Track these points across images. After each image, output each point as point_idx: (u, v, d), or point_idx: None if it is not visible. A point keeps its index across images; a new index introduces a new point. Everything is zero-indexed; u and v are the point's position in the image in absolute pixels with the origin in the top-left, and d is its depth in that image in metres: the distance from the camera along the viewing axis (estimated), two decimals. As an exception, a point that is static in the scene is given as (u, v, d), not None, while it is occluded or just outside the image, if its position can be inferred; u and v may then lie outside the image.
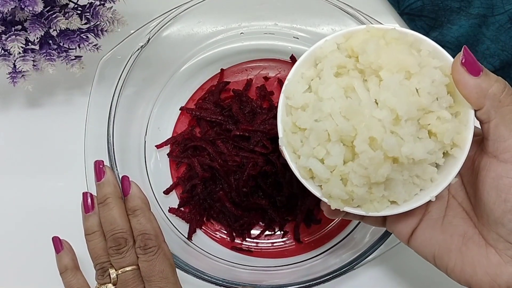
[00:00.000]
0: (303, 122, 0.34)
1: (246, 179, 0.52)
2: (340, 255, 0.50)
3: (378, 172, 0.32)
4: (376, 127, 0.32)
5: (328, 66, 0.35)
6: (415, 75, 0.33)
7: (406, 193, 0.35)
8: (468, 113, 0.34)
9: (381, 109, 0.32)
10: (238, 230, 0.54)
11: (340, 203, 0.35)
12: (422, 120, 0.33)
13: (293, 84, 0.36)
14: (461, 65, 0.33)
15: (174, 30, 0.53)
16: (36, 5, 0.44)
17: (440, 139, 0.33)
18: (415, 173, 0.34)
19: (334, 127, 0.33)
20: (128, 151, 0.53)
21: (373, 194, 0.34)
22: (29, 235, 0.55)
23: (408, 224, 0.38)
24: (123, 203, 0.44)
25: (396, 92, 0.32)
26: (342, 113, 0.33)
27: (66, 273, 0.45)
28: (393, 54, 0.33)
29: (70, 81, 0.58)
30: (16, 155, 0.57)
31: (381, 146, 0.32)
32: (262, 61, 0.58)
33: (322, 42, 0.37)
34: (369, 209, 0.35)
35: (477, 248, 0.35)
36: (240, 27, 0.56)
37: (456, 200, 0.37)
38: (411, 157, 0.32)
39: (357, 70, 0.35)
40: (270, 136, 0.53)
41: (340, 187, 0.34)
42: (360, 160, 0.32)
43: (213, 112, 0.55)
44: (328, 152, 0.33)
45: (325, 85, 0.34)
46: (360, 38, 0.35)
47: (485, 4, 0.55)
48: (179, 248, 0.50)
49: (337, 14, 0.50)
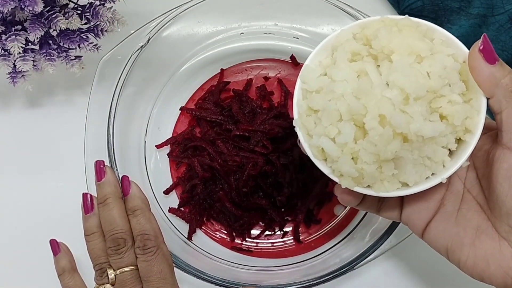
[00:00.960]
0: (316, 103, 0.35)
1: (246, 179, 0.52)
2: (340, 255, 0.50)
3: (387, 148, 0.33)
4: (386, 105, 0.33)
5: (342, 52, 0.36)
6: (426, 59, 0.34)
7: (417, 174, 0.35)
8: (480, 100, 0.34)
9: (391, 89, 0.33)
10: (238, 230, 0.54)
11: (350, 181, 0.35)
12: (434, 104, 0.34)
13: (309, 70, 0.37)
14: (479, 51, 0.34)
15: (174, 30, 0.53)
16: (36, 5, 0.44)
17: (451, 122, 0.34)
18: (425, 154, 0.35)
19: (345, 106, 0.34)
20: (128, 151, 0.53)
21: (383, 173, 0.35)
22: (29, 235, 0.55)
23: (423, 217, 0.38)
24: (123, 203, 0.44)
25: (405, 72, 0.33)
26: (353, 93, 0.34)
27: (63, 275, 0.46)
28: (405, 39, 0.34)
29: (70, 81, 0.58)
30: (16, 155, 0.57)
31: (390, 122, 0.33)
32: (262, 61, 0.58)
33: (339, 31, 0.38)
34: (379, 189, 0.35)
35: (490, 241, 0.35)
36: (240, 27, 0.56)
37: (471, 194, 0.38)
38: (419, 134, 0.33)
39: (371, 56, 0.35)
40: (270, 136, 0.53)
41: (351, 164, 0.34)
42: (370, 137, 0.33)
43: (213, 112, 0.55)
44: (340, 131, 0.34)
45: (338, 69, 0.35)
46: (375, 27, 0.36)
47: (485, 4, 0.55)
48: (179, 248, 0.50)
49: (337, 14, 0.50)
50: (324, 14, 0.53)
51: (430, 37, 0.36)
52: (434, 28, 0.36)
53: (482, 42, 0.34)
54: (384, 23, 0.36)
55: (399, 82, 0.33)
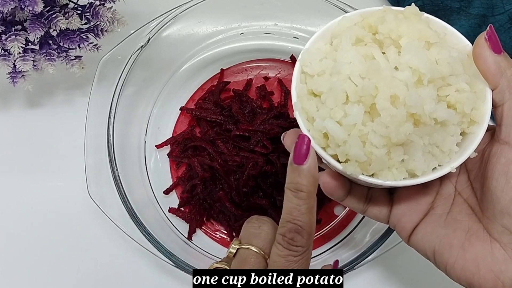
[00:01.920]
0: (320, 86, 0.33)
1: (246, 179, 0.52)
2: (340, 255, 0.50)
3: (399, 130, 0.31)
4: (399, 86, 0.31)
5: (347, 36, 0.34)
6: (434, 45, 0.33)
7: (425, 163, 0.34)
8: (485, 91, 0.34)
9: (402, 70, 0.32)
10: (238, 230, 0.54)
11: (356, 168, 0.33)
12: (441, 92, 0.33)
13: (310, 53, 0.35)
14: (485, 40, 0.33)
15: (174, 30, 0.53)
16: (36, 5, 0.44)
17: (460, 110, 0.33)
18: (435, 141, 0.33)
19: (353, 87, 0.32)
20: (128, 151, 0.53)
21: (392, 159, 0.33)
22: (28, 235, 0.55)
23: (412, 219, 0.37)
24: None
25: (418, 53, 0.32)
26: (361, 75, 0.32)
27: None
28: (413, 24, 0.33)
29: (70, 81, 0.58)
30: (16, 155, 0.57)
31: (404, 103, 0.31)
32: (262, 61, 0.58)
33: (340, 18, 0.37)
34: (387, 177, 0.33)
35: (481, 244, 0.34)
36: (240, 27, 0.56)
37: (462, 197, 0.36)
38: (434, 115, 0.32)
39: (375, 42, 0.34)
40: (270, 136, 0.53)
41: (360, 146, 0.32)
42: (382, 118, 0.31)
43: (213, 112, 0.55)
44: (346, 113, 0.32)
45: (343, 52, 0.34)
46: (377, 16, 0.35)
47: (485, 4, 0.55)
48: (179, 248, 0.50)
49: (337, 14, 0.50)
50: (324, 14, 0.53)
51: (434, 28, 0.35)
52: (437, 21, 0.36)
53: (489, 31, 0.33)
54: (388, 12, 0.35)
55: (412, 63, 0.32)
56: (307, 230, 0.34)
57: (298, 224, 0.33)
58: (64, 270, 0.54)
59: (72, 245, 0.54)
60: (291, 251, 0.34)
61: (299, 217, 0.34)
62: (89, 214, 0.54)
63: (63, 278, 0.54)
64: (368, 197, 0.39)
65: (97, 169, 0.49)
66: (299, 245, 0.34)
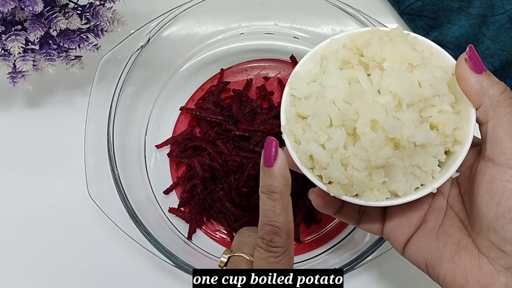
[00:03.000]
0: (306, 109, 0.35)
1: (246, 179, 0.52)
2: (340, 255, 0.50)
3: (379, 154, 0.32)
4: (378, 111, 0.32)
5: (332, 60, 0.36)
6: (417, 67, 0.34)
7: (407, 184, 0.35)
8: (469, 111, 0.34)
9: (384, 95, 0.33)
10: (238, 230, 0.54)
11: (339, 189, 0.34)
12: (424, 113, 0.34)
13: (298, 76, 0.37)
14: (465, 61, 0.33)
15: (174, 30, 0.53)
16: (36, 5, 0.44)
17: (441, 131, 0.34)
18: (416, 162, 0.34)
19: (336, 112, 0.33)
20: (128, 151, 0.53)
21: (373, 181, 0.34)
22: (28, 234, 0.55)
23: (405, 232, 0.38)
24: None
25: (398, 78, 0.33)
26: (344, 99, 0.33)
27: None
28: (396, 47, 0.34)
29: (70, 81, 0.58)
30: (16, 155, 0.57)
31: (382, 128, 0.32)
32: (262, 61, 0.58)
33: (328, 41, 0.38)
34: (368, 197, 0.35)
35: (470, 257, 0.35)
36: (240, 27, 0.56)
37: (453, 210, 0.37)
38: (412, 140, 0.32)
39: (361, 64, 0.35)
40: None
41: (341, 170, 0.34)
42: (362, 142, 0.33)
43: (213, 112, 0.55)
44: (330, 136, 0.34)
45: (328, 75, 0.35)
46: (365, 37, 0.36)
47: (485, 4, 0.55)
48: (179, 248, 0.50)
49: (337, 14, 0.50)
50: (324, 14, 0.53)
51: (420, 49, 0.36)
52: (424, 41, 0.36)
53: (469, 52, 0.34)
54: (374, 34, 0.36)
55: (392, 87, 0.33)
56: (284, 230, 0.34)
57: (275, 225, 0.34)
58: (64, 270, 0.54)
59: (72, 245, 0.54)
60: (271, 252, 0.35)
61: (275, 218, 0.34)
62: (89, 214, 0.54)
63: (63, 278, 0.54)
64: (361, 211, 0.40)
65: (97, 169, 0.49)
66: (278, 246, 0.34)
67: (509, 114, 0.33)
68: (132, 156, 0.54)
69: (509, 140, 0.33)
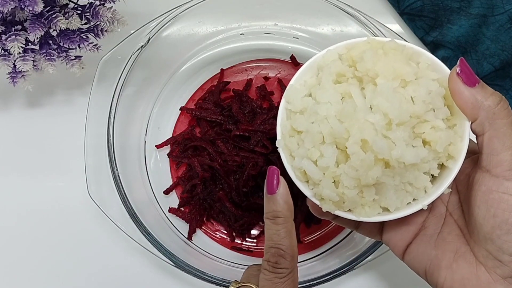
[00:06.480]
0: (300, 125, 0.35)
1: (246, 179, 0.52)
2: (340, 255, 0.50)
3: (368, 174, 0.33)
4: (369, 130, 0.33)
5: (327, 73, 0.36)
6: (410, 83, 0.34)
7: (398, 200, 0.35)
8: (464, 125, 0.34)
9: (375, 113, 0.33)
10: (238, 230, 0.54)
11: (331, 205, 0.35)
12: (417, 129, 0.34)
13: (294, 90, 0.37)
14: (457, 75, 0.33)
15: (174, 30, 0.53)
16: (36, 5, 0.44)
17: (433, 148, 0.34)
18: (407, 179, 0.34)
19: (328, 129, 0.34)
20: (128, 151, 0.53)
21: (364, 198, 0.35)
22: (28, 234, 0.55)
23: (404, 238, 0.38)
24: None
25: (389, 97, 0.33)
26: (337, 116, 0.34)
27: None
28: (390, 62, 0.34)
29: (70, 81, 0.58)
30: (16, 155, 0.57)
31: (371, 148, 0.32)
32: (262, 61, 0.58)
33: (325, 51, 0.38)
34: (360, 213, 0.35)
35: (468, 266, 0.35)
36: (240, 27, 0.56)
37: (452, 218, 0.37)
38: (401, 160, 0.33)
39: (356, 78, 0.35)
40: (270, 136, 0.53)
41: (332, 188, 0.34)
42: (352, 162, 0.33)
43: (213, 112, 0.55)
44: (322, 154, 0.34)
45: (322, 90, 0.35)
46: (360, 49, 0.36)
47: (485, 4, 0.55)
48: (179, 248, 0.50)
49: (337, 14, 0.50)
50: (324, 14, 0.53)
51: (416, 60, 0.36)
52: (420, 52, 0.36)
53: (460, 66, 0.33)
54: (371, 45, 0.36)
55: (382, 107, 0.33)
56: (289, 252, 0.36)
57: (280, 248, 0.36)
58: (64, 270, 0.54)
59: (72, 245, 0.54)
60: (276, 273, 0.36)
61: (280, 241, 0.36)
62: (89, 214, 0.54)
63: (63, 278, 0.54)
64: None
65: (97, 169, 0.49)
66: (283, 267, 0.36)
67: (506, 125, 0.33)
68: (132, 156, 0.54)
69: (506, 152, 0.32)
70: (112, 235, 0.54)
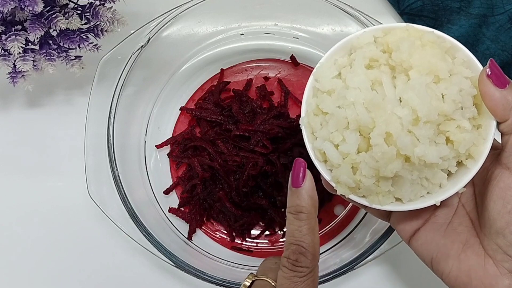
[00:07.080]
0: (326, 106, 0.35)
1: (246, 179, 0.52)
2: (340, 255, 0.50)
3: (387, 167, 0.33)
4: (394, 124, 0.32)
5: (360, 57, 0.35)
6: (443, 80, 0.33)
7: (412, 193, 0.35)
8: (490, 127, 0.34)
9: (403, 107, 0.33)
10: (238, 230, 0.54)
11: (346, 189, 0.35)
12: (442, 126, 0.34)
13: (324, 68, 0.36)
14: (487, 77, 0.33)
15: (174, 30, 0.53)
16: (36, 5, 0.44)
17: (456, 148, 0.34)
18: (424, 175, 0.34)
19: (354, 116, 0.33)
20: (128, 151, 0.53)
21: (380, 187, 0.35)
22: (28, 235, 0.55)
23: (413, 224, 0.38)
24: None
25: (420, 93, 0.32)
26: (365, 104, 0.33)
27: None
28: (426, 56, 0.33)
29: (70, 81, 0.58)
30: (16, 155, 0.57)
31: (395, 142, 0.32)
32: (262, 61, 0.58)
33: (361, 32, 0.37)
34: (373, 201, 0.35)
35: (476, 257, 0.35)
36: (240, 27, 0.56)
37: (465, 209, 0.37)
38: (423, 158, 0.33)
39: (388, 66, 0.35)
40: (270, 136, 0.53)
41: (349, 174, 0.34)
42: (373, 152, 0.33)
43: (213, 112, 0.55)
44: (344, 139, 0.34)
45: (353, 74, 0.34)
46: (398, 36, 0.35)
47: (485, 4, 0.55)
48: (179, 248, 0.50)
49: (337, 14, 0.50)
50: (324, 14, 0.53)
51: (452, 55, 0.35)
52: (458, 47, 0.36)
53: (490, 67, 0.33)
54: (409, 33, 0.35)
55: (412, 103, 0.32)
56: (310, 250, 0.34)
57: (301, 245, 0.34)
58: (64, 270, 0.54)
59: (72, 245, 0.54)
60: (296, 272, 0.34)
61: (302, 238, 0.34)
62: (89, 214, 0.54)
63: (63, 278, 0.54)
64: None
65: (97, 169, 0.49)
66: (303, 266, 0.34)
67: None
68: (132, 156, 0.54)
69: None
70: (112, 235, 0.54)
